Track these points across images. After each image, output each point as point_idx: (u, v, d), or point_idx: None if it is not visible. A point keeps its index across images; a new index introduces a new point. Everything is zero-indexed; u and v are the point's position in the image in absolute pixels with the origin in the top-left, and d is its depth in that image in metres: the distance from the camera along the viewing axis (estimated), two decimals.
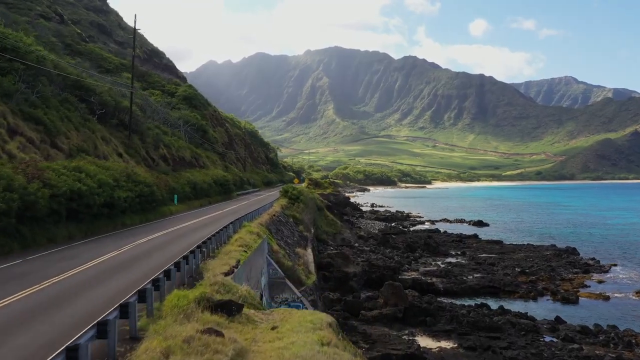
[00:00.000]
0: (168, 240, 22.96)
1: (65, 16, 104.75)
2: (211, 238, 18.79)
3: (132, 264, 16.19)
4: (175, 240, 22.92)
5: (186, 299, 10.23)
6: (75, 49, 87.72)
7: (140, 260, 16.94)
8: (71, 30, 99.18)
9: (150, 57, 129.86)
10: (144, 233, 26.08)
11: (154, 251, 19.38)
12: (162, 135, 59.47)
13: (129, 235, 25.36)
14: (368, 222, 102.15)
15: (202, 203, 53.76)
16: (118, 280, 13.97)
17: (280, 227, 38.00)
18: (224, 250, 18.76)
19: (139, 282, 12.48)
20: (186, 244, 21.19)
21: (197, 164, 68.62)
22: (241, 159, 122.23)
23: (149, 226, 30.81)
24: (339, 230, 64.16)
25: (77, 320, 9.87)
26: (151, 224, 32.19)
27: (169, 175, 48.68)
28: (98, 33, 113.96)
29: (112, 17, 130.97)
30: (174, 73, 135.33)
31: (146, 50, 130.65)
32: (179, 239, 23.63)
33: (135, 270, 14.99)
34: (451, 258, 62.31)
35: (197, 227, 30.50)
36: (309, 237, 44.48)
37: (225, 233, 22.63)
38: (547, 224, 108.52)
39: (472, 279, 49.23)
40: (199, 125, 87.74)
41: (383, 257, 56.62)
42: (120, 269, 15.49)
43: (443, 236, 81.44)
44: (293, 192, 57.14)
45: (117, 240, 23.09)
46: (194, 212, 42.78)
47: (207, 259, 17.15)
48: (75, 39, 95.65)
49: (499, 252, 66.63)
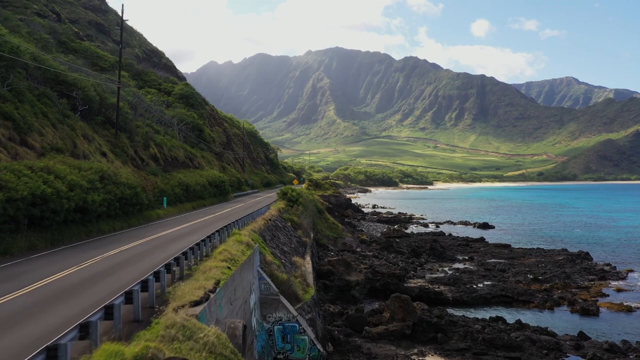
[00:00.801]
0: (142, 253, 19.77)
1: (63, 15, 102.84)
2: (187, 252, 15.58)
3: (78, 290, 12.83)
4: (150, 253, 19.73)
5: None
6: (70, 47, 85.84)
7: (93, 283, 13.74)
8: (66, 28, 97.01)
9: (149, 56, 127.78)
10: (118, 242, 22.90)
11: (119, 268, 16.18)
12: (154, 134, 56.34)
13: (101, 244, 22.18)
14: (370, 225, 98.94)
15: (194, 206, 50.64)
16: (36, 325, 10.05)
17: (277, 232, 34.82)
18: (203, 267, 15.57)
19: (70, 322, 9.27)
20: (162, 257, 18.03)
21: (191, 165, 65.50)
22: (239, 160, 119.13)
23: (128, 233, 27.63)
24: (340, 234, 60.90)
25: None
26: (132, 231, 29.02)
27: (158, 176, 45.53)
28: (96, 32, 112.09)
29: (110, 17, 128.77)
30: (173, 73, 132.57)
31: (145, 50, 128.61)
32: (156, 250, 20.44)
33: (77, 301, 11.53)
34: (458, 263, 59.06)
35: (182, 234, 27.32)
36: (308, 243, 41.27)
37: (209, 244, 19.45)
38: (555, 227, 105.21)
39: (482, 288, 45.98)
40: (194, 124, 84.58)
41: (387, 263, 53.40)
42: (61, 297, 12.04)
43: (448, 239, 78.17)
44: (292, 194, 53.92)
45: (84, 251, 19.91)
46: (183, 216, 39.60)
47: (178, 280, 13.97)
48: (71, 36, 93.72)
49: (508, 256, 63.36)
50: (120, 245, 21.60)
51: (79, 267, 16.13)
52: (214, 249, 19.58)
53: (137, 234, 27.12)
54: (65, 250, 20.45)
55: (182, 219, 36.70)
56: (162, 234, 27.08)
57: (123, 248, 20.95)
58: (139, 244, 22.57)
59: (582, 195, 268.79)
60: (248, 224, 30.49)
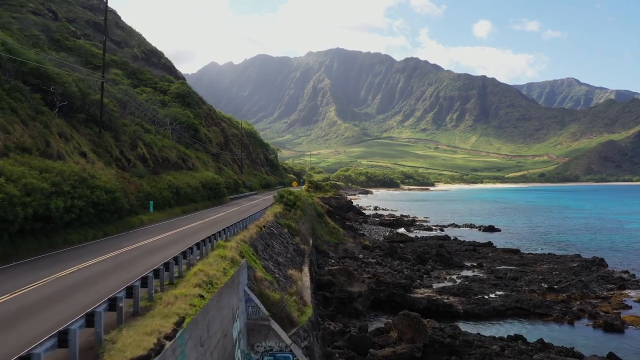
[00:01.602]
0: (102, 272, 16.35)
1: (60, 14, 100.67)
2: (149, 277, 12.16)
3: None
4: (112, 273, 16.27)
5: None
6: (63, 45, 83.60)
7: (4, 326, 10.21)
8: (60, 26, 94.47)
9: (148, 56, 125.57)
10: (82, 256, 19.51)
11: (59, 298, 12.67)
12: (143, 133, 52.96)
13: (59, 260, 18.78)
14: (372, 228, 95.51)
15: (185, 210, 47.25)
16: None
17: (271, 240, 31.43)
18: (168, 296, 12.15)
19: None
20: (121, 280, 14.62)
21: (184, 166, 62.12)
22: (237, 161, 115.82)
23: (100, 244, 24.24)
24: (341, 239, 57.47)
25: None
26: (106, 240, 25.63)
27: (144, 178, 42.14)
28: (94, 32, 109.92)
29: (109, 16, 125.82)
30: (172, 73, 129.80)
31: (145, 49, 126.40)
32: (119, 269, 17.00)
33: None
34: (467, 271, 55.63)
35: (161, 245, 23.94)
36: (306, 251, 37.86)
37: (183, 261, 16.06)
38: (563, 230, 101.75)
39: (495, 299, 42.55)
40: (189, 124, 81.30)
41: (391, 271, 49.99)
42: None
43: (454, 244, 74.75)
44: (289, 197, 50.48)
45: (33, 270, 16.50)
46: (170, 222, 36.21)
47: (130, 318, 10.58)
48: (65, 34, 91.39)
49: (518, 263, 59.92)
50: (81, 261, 18.18)
51: (9, 295, 12.71)
52: (190, 267, 16.21)
53: (110, 244, 23.73)
54: (12, 268, 17.05)
55: (168, 226, 33.32)
56: (138, 245, 23.69)
57: (82, 265, 17.54)
58: (105, 259, 19.15)
59: (585, 196, 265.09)
60: (238, 233, 27.10)
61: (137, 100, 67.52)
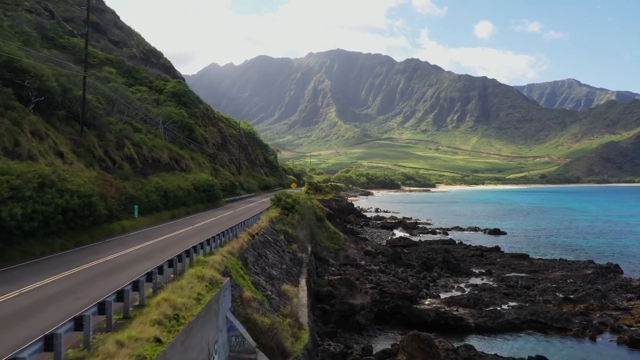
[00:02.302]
0: (43, 300, 13.14)
1: (57, 13, 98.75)
2: (86, 317, 9.03)
3: None
4: (56, 301, 13.05)
5: None
6: (57, 43, 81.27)
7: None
8: (54, 24, 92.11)
9: (147, 56, 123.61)
10: (31, 275, 16.36)
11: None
12: (132, 133, 49.83)
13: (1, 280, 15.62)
14: (374, 231, 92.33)
15: (175, 214, 44.12)
16: None
17: (265, 250, 28.31)
18: (110, 343, 9.01)
19: None
20: (67, 310, 11.47)
21: (177, 167, 59.00)
22: (235, 161, 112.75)
23: (63, 257, 21.09)
24: (342, 244, 54.32)
25: None
26: (72, 253, 22.50)
27: (129, 180, 39.00)
28: (92, 31, 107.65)
29: (107, 16, 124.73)
30: (171, 73, 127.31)
31: (143, 49, 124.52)
32: (69, 294, 13.81)
33: None
34: (475, 278, 52.43)
35: (133, 259, 20.81)
36: (304, 260, 34.69)
37: (152, 281, 12.92)
38: (571, 233, 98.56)
39: (509, 311, 39.37)
40: (184, 123, 78.23)
41: (395, 279, 46.80)
42: None
43: (460, 249, 71.57)
44: (287, 200, 47.31)
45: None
46: (155, 229, 33.12)
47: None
48: (59, 32, 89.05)
49: (529, 269, 56.72)
50: (24, 284, 15.00)
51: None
52: (158, 290, 13.09)
53: (75, 258, 20.61)
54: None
55: (151, 233, 30.20)
56: (107, 259, 20.56)
57: (23, 289, 14.36)
58: (56, 279, 15.96)
59: (589, 198, 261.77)
60: (227, 243, 23.98)
61: (127, 98, 64.43)
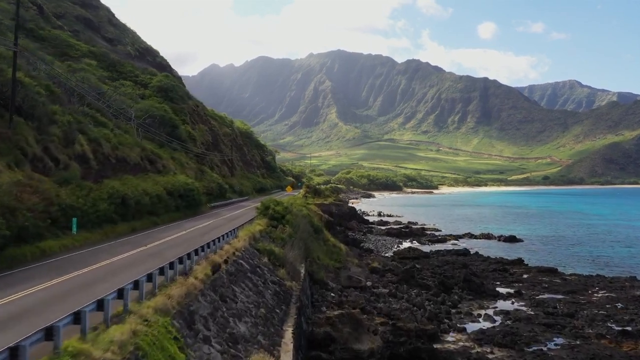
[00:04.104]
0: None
1: (48, 10, 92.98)
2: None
3: None
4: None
5: None
6: (37, 34, 74.95)
7: None
8: (34, 15, 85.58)
9: (143, 54, 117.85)
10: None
11: None
12: (89, 126, 41.20)
13: None
14: (379, 239, 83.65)
15: (137, 227, 35.49)
16: None
17: (234, 287, 19.74)
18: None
19: None
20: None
21: (150, 168, 50.41)
22: (228, 162, 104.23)
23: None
24: (343, 260, 45.60)
25: None
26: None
27: (70, 185, 30.38)
28: (84, 28, 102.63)
29: (101, 13, 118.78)
30: (167, 72, 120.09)
31: (139, 47, 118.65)
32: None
33: None
34: (503, 301, 43.74)
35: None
36: (294, 291, 26.05)
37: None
38: (594, 241, 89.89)
39: (558, 352, 30.71)
40: (166, 119, 69.77)
41: (409, 306, 38.12)
42: None
43: (478, 262, 62.88)
44: (276, 208, 38.59)
45: None
46: (90, 252, 24.48)
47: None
48: (40, 24, 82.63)
49: (564, 289, 48.01)
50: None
51: None
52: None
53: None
54: None
55: (77, 261, 21.58)
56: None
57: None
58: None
59: (597, 200, 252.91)
60: (171, 284, 15.39)
61: (98, 88, 55.90)
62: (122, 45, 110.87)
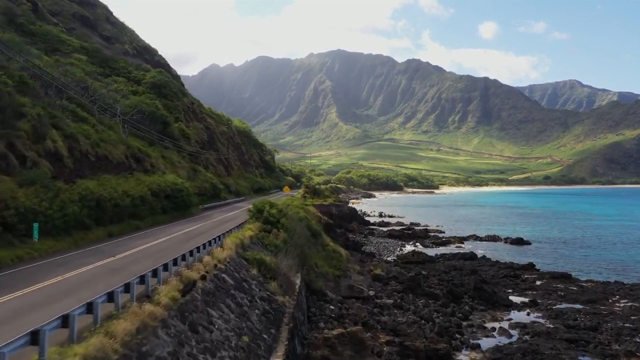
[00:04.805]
0: None
1: (45, 7, 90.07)
2: None
3: None
4: None
5: None
6: (27, 29, 72.18)
7: None
8: (26, 10, 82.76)
9: (141, 53, 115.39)
10: None
11: None
12: (66, 122, 37.60)
13: None
14: (380, 242, 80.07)
15: (114, 232, 31.95)
16: None
17: (211, 310, 16.26)
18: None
19: None
20: None
21: (136, 167, 46.87)
22: (224, 161, 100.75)
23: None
24: (344, 267, 41.97)
25: None
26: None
27: (35, 185, 26.80)
28: (80, 25, 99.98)
29: (99, 11, 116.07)
30: (166, 70, 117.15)
31: (137, 46, 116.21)
32: None
33: None
34: (517, 311, 40.14)
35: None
36: (286, 308, 22.52)
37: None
38: (605, 243, 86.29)
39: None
40: (157, 116, 66.23)
41: (416, 319, 34.54)
42: None
43: (486, 266, 59.26)
44: (270, 212, 34.99)
45: None
46: (44, 265, 20.93)
47: None
48: (32, 20, 79.82)
49: (582, 297, 44.40)
50: None
51: None
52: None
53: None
54: None
55: (21, 278, 18.02)
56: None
57: None
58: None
59: (600, 200, 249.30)
60: (115, 319, 11.86)
61: (82, 82, 52.31)
62: (119, 44, 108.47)
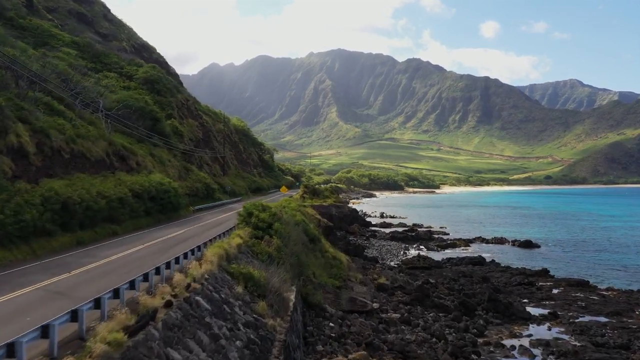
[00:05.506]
0: None
1: (40, 3, 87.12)
2: None
3: None
4: None
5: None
6: (16, 24, 69.48)
7: None
8: (16, 4, 79.93)
9: (138, 51, 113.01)
10: None
11: None
12: (36, 115, 33.73)
13: None
14: (383, 245, 76.19)
15: (86, 238, 28.10)
16: None
17: (185, 338, 12.52)
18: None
19: None
20: None
21: (119, 165, 43.04)
22: (220, 160, 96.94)
23: None
24: (345, 276, 38.03)
25: None
26: None
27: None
28: (77, 22, 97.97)
29: (96, 8, 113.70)
30: (165, 69, 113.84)
31: (135, 44, 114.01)
32: None
33: None
34: (537, 325, 36.24)
35: None
36: (276, 334, 18.71)
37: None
38: (616, 246, 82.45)
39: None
40: (146, 111, 62.40)
41: (426, 336, 30.69)
42: None
43: (497, 272, 55.40)
44: (261, 216, 31.06)
45: None
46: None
47: None
48: (22, 14, 77.15)
49: (605, 308, 40.53)
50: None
51: None
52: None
53: None
54: None
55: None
56: None
57: None
58: None
59: (604, 200, 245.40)
60: None
61: (63, 74, 48.48)
62: (116, 41, 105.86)
